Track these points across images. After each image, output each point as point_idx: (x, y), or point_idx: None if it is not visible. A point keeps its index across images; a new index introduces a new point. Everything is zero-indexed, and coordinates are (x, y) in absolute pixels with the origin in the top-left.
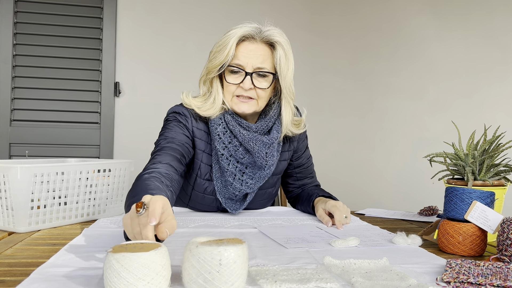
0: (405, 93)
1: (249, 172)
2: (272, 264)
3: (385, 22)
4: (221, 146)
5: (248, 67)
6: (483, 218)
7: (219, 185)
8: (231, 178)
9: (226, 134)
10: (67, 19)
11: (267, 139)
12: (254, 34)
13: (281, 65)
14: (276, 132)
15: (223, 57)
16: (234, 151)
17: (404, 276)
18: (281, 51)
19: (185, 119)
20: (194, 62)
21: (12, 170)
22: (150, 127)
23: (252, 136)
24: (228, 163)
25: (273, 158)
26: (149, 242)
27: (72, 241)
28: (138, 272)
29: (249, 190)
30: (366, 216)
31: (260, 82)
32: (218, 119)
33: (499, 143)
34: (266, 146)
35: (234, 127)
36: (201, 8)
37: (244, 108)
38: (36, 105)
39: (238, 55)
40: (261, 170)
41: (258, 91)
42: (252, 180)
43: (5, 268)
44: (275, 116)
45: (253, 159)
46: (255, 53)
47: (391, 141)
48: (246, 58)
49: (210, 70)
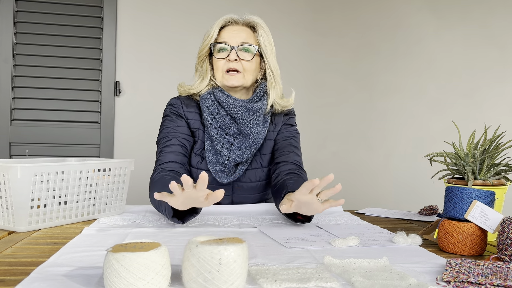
0: (405, 92)
1: (237, 144)
2: (272, 264)
3: (385, 21)
4: (209, 117)
5: (233, 42)
6: (483, 218)
7: (210, 157)
8: (219, 146)
9: (214, 105)
10: (68, 19)
11: (250, 105)
12: (236, 19)
13: (264, 42)
14: (261, 103)
15: (208, 39)
16: (221, 121)
17: (404, 276)
18: (262, 31)
19: (177, 107)
20: (194, 61)
21: (12, 170)
22: (151, 126)
23: (236, 103)
24: (217, 132)
25: (257, 127)
26: (149, 242)
27: (72, 240)
28: (138, 272)
29: (238, 159)
30: (366, 215)
31: (244, 56)
32: (207, 93)
33: (499, 142)
34: (249, 113)
35: (221, 97)
36: (202, 8)
37: (233, 81)
38: (36, 104)
39: (222, 35)
40: (247, 139)
41: (243, 63)
42: (240, 151)
43: (5, 267)
44: (262, 92)
45: (239, 128)
46: (238, 33)
47: (391, 140)
48: (230, 37)
49: (200, 55)
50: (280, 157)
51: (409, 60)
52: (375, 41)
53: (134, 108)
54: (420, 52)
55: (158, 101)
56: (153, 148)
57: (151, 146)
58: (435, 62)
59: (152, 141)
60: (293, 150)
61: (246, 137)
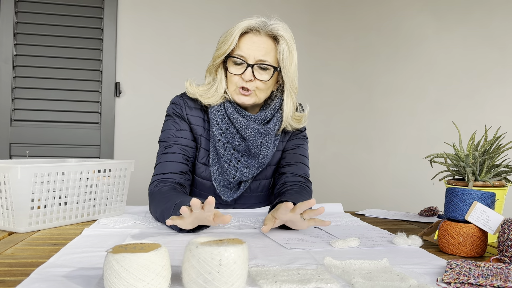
0: (405, 94)
1: (244, 161)
2: (272, 265)
3: (384, 22)
4: (218, 132)
5: (250, 59)
6: (484, 219)
7: (215, 171)
8: (226, 164)
9: (224, 120)
10: (68, 19)
11: (263, 128)
12: (259, 27)
13: (284, 59)
14: (273, 124)
15: (226, 47)
16: (231, 138)
17: (405, 277)
18: (284, 45)
19: (180, 109)
20: (194, 62)
21: (12, 170)
22: (151, 127)
23: (248, 124)
24: (224, 149)
25: (268, 149)
26: (149, 243)
27: (72, 241)
28: (137, 273)
29: (243, 178)
30: (366, 216)
31: (261, 75)
32: (217, 106)
33: (500, 143)
34: (261, 135)
35: (232, 114)
36: (202, 8)
37: (244, 99)
38: (36, 105)
39: (241, 46)
40: (255, 159)
41: (258, 83)
42: (246, 169)
43: (5, 268)
44: (276, 109)
45: (248, 147)
46: (258, 45)
47: (391, 141)
48: (248, 50)
49: (215, 59)
50: (287, 167)
51: (409, 61)
52: (375, 42)
53: (134, 109)
54: (420, 54)
55: (158, 102)
56: (154, 148)
57: (151, 147)
58: (435, 63)
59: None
60: (301, 160)
61: (254, 157)
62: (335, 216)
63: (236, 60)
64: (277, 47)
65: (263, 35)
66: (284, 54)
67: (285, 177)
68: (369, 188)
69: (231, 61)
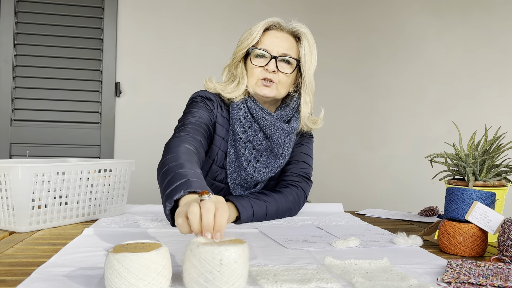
0: (406, 94)
1: (263, 160)
2: (273, 264)
3: (385, 23)
4: (240, 130)
5: (274, 51)
6: (484, 219)
7: (232, 169)
8: (245, 163)
9: (247, 118)
10: (68, 19)
11: (287, 127)
12: (282, 24)
13: (305, 56)
14: (295, 123)
15: (249, 41)
16: (253, 136)
17: (405, 277)
18: (306, 43)
19: (212, 104)
20: (195, 62)
21: (13, 170)
22: (151, 127)
23: (274, 122)
24: (245, 148)
25: (289, 148)
26: (150, 242)
27: (73, 240)
28: (138, 272)
29: (261, 178)
30: (366, 216)
31: (283, 68)
32: (240, 103)
33: (500, 143)
34: (285, 134)
35: (257, 111)
36: (202, 8)
37: (266, 91)
38: (36, 105)
39: (264, 41)
40: (275, 158)
41: (280, 76)
42: (265, 169)
43: (6, 268)
44: (295, 108)
45: (270, 146)
46: (281, 41)
47: (391, 141)
48: (272, 44)
49: (236, 54)
50: (288, 165)
51: (409, 62)
52: (376, 43)
53: (134, 109)
54: (420, 54)
55: (158, 102)
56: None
57: (151, 147)
58: (436, 64)
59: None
60: (302, 159)
61: (275, 157)
62: (336, 216)
63: (259, 52)
64: (298, 45)
65: (285, 32)
66: (306, 52)
67: (283, 176)
68: (370, 188)
69: (254, 53)
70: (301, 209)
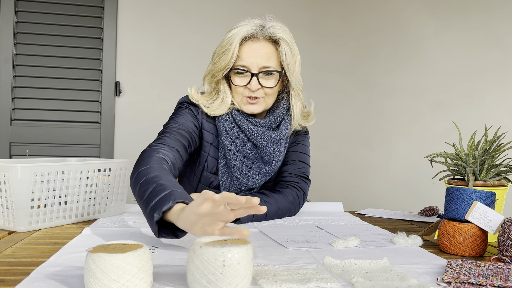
0: (406, 93)
1: (255, 168)
2: (273, 264)
3: (384, 22)
4: (228, 142)
5: (254, 68)
6: (484, 219)
7: (224, 180)
8: (238, 173)
9: (234, 129)
10: (68, 19)
11: (275, 135)
12: (257, 33)
13: (287, 60)
14: (284, 128)
15: (227, 60)
16: (242, 146)
17: (405, 277)
18: (285, 47)
19: (197, 110)
20: (195, 61)
21: (12, 169)
22: (151, 126)
23: (260, 131)
24: (235, 159)
25: (280, 154)
26: (132, 243)
27: (72, 240)
28: (112, 274)
29: (255, 185)
30: (366, 216)
31: (267, 81)
32: (225, 115)
33: (500, 143)
34: (274, 142)
35: (242, 123)
36: (202, 8)
37: (253, 108)
38: (36, 104)
39: (242, 56)
40: (267, 165)
41: (265, 90)
42: (258, 176)
43: (5, 267)
44: (284, 112)
45: (260, 154)
46: (259, 52)
47: (391, 141)
48: (250, 59)
49: (215, 72)
50: (285, 166)
51: (409, 61)
52: (375, 42)
53: (134, 108)
54: (420, 53)
55: (158, 101)
56: None
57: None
58: (435, 63)
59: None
60: (299, 158)
61: (267, 164)
62: (335, 216)
63: (239, 71)
64: (278, 50)
65: (262, 40)
66: (287, 56)
67: (281, 177)
68: (369, 188)
69: (233, 72)
70: (301, 208)
